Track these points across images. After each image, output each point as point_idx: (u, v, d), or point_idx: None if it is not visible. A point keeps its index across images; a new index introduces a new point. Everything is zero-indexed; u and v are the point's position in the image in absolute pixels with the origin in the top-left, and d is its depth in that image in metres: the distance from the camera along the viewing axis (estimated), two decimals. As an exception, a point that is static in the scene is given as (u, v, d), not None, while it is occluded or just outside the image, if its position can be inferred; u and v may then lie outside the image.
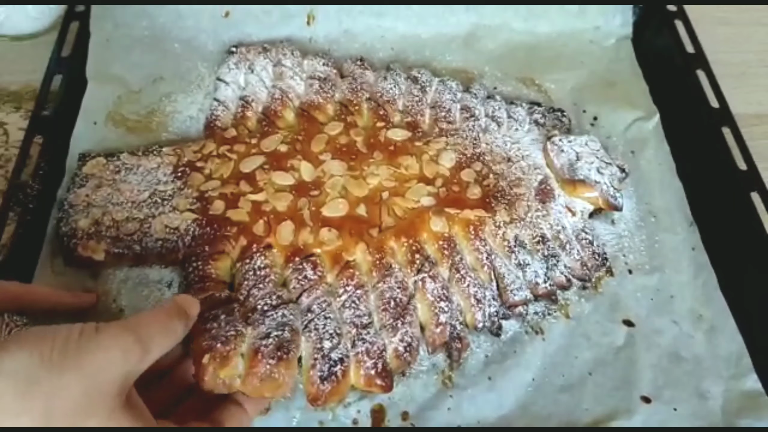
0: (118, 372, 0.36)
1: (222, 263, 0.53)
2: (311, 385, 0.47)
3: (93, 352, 0.36)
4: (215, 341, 0.46)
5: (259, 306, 0.49)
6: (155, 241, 0.54)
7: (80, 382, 0.35)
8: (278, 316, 0.49)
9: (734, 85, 0.72)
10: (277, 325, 0.48)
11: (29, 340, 0.35)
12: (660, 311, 0.58)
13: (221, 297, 0.50)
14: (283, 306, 0.50)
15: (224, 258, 0.54)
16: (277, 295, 0.50)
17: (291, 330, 0.48)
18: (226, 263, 0.54)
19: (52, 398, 0.34)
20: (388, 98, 0.66)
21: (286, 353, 0.47)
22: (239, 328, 0.47)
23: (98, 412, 0.35)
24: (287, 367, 0.46)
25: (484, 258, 0.56)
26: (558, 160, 0.62)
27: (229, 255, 0.54)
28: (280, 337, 0.47)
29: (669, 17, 0.76)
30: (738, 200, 0.61)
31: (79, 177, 0.58)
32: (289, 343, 0.47)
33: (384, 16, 0.76)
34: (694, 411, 0.52)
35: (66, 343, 0.35)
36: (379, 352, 0.49)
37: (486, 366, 0.54)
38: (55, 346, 0.35)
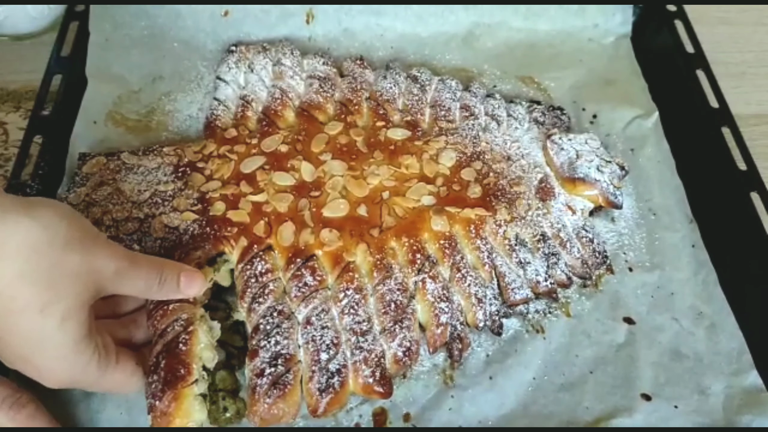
0: (106, 276, 0.42)
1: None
2: (310, 397, 0.48)
3: (95, 252, 0.42)
4: (154, 399, 0.45)
5: (261, 326, 0.50)
6: (155, 240, 0.54)
7: (82, 262, 0.40)
8: (272, 344, 0.49)
9: (734, 85, 0.72)
10: (270, 358, 0.48)
11: (66, 213, 0.41)
12: (660, 308, 0.58)
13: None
14: (282, 324, 0.50)
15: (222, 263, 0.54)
16: (278, 311, 0.50)
17: (285, 359, 0.48)
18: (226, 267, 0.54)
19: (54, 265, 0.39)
20: (388, 97, 0.66)
21: (283, 388, 0.47)
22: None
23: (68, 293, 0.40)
24: (286, 400, 0.47)
25: (485, 257, 0.56)
26: (558, 159, 0.62)
27: (227, 261, 0.54)
28: (274, 374, 0.47)
29: (669, 17, 0.76)
30: (738, 200, 0.61)
31: (79, 176, 0.58)
32: (285, 376, 0.47)
33: (383, 14, 0.76)
34: (695, 408, 0.52)
35: (84, 235, 0.42)
36: (378, 359, 0.49)
37: (487, 365, 0.54)
38: (78, 229, 0.41)
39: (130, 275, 0.43)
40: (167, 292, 0.46)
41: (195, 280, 0.48)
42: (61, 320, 0.39)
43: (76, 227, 0.41)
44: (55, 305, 0.39)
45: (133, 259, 0.44)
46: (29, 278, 0.38)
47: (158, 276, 0.45)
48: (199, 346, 0.46)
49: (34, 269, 0.38)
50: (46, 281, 0.39)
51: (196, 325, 0.47)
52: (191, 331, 0.46)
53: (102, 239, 0.43)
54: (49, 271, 0.39)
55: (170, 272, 0.46)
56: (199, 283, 0.48)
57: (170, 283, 0.46)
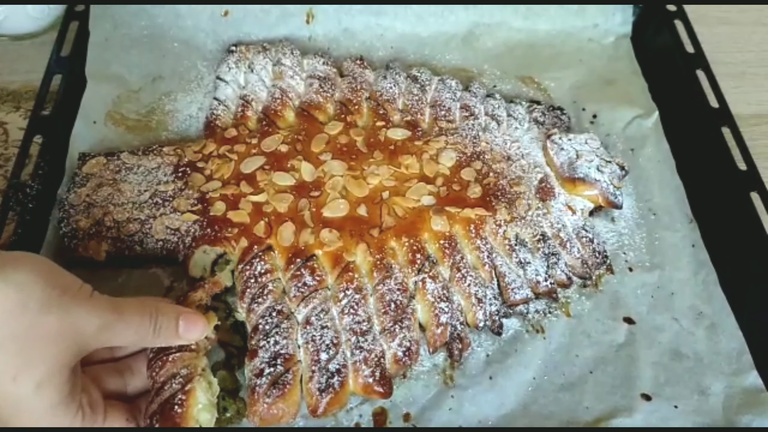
0: (88, 335, 0.39)
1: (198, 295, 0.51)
2: (310, 396, 0.48)
3: (74, 311, 0.39)
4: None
5: (260, 326, 0.50)
6: (156, 242, 0.54)
7: (59, 323, 0.38)
8: (271, 344, 0.49)
9: (734, 85, 0.72)
10: (270, 358, 0.48)
11: (42, 270, 0.39)
12: (660, 308, 0.58)
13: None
14: (281, 324, 0.50)
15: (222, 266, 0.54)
16: (277, 311, 0.50)
17: (285, 359, 0.48)
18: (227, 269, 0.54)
19: (29, 328, 0.37)
20: (388, 97, 0.66)
21: (282, 388, 0.47)
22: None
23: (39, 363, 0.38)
24: (285, 400, 0.47)
25: (485, 257, 0.56)
26: (558, 159, 0.62)
27: (228, 264, 0.54)
28: (273, 374, 0.47)
29: (669, 17, 0.76)
30: (738, 200, 0.61)
31: (79, 176, 0.58)
32: (285, 376, 0.47)
33: (383, 14, 0.76)
34: (695, 408, 0.52)
35: (63, 293, 0.39)
36: (377, 359, 0.49)
37: (487, 365, 0.54)
38: (55, 287, 0.38)
39: (117, 328, 0.41)
40: (165, 339, 0.43)
41: (196, 323, 0.44)
42: (35, 387, 0.37)
43: (53, 284, 0.38)
44: (30, 371, 0.37)
45: (121, 310, 0.41)
46: (1, 344, 0.36)
47: (152, 324, 0.42)
48: (196, 407, 0.43)
49: (7, 335, 0.36)
50: (20, 347, 0.37)
51: (195, 383, 0.44)
52: (189, 390, 0.43)
53: (84, 293, 0.40)
54: (23, 335, 0.37)
55: (166, 317, 0.43)
56: (201, 326, 0.45)
57: (167, 330, 0.43)
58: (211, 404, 0.45)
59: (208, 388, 0.45)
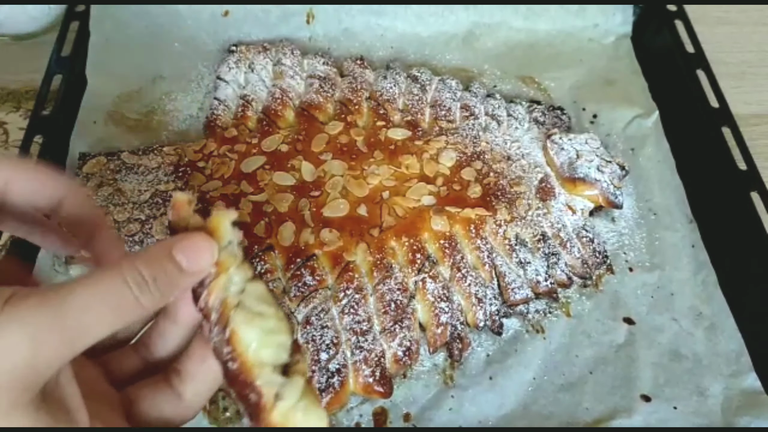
0: (19, 364, 0.26)
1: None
2: None
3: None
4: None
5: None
6: (156, 242, 0.54)
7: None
8: None
9: (734, 85, 0.72)
10: None
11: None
12: (660, 309, 0.58)
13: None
14: None
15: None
16: None
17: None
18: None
19: None
20: (388, 97, 0.66)
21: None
22: None
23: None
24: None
25: (485, 257, 0.56)
26: (558, 159, 0.62)
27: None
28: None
29: (669, 17, 0.76)
30: (738, 200, 0.61)
31: (80, 176, 0.58)
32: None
33: (383, 14, 0.76)
34: (694, 409, 0.52)
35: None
36: (378, 359, 0.50)
37: (487, 365, 0.54)
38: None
39: (76, 327, 0.28)
40: (168, 289, 0.30)
41: (197, 245, 0.31)
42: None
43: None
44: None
45: (69, 301, 0.27)
46: None
47: (131, 285, 0.29)
48: (249, 348, 0.31)
49: None
50: None
51: (232, 320, 0.31)
52: (230, 338, 0.31)
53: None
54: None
55: (153, 263, 0.29)
56: (206, 245, 0.31)
57: (164, 277, 0.29)
58: (270, 333, 0.32)
59: (252, 316, 0.31)
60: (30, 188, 0.35)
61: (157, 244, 0.31)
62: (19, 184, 0.35)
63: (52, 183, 0.35)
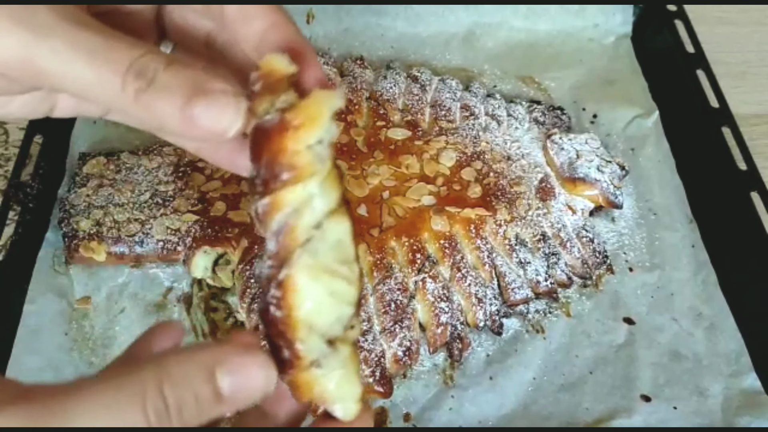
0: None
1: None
2: None
3: None
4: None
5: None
6: (156, 242, 0.54)
7: None
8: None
9: (734, 85, 0.72)
10: None
11: None
12: (660, 309, 0.58)
13: None
14: None
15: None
16: None
17: None
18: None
19: None
20: (388, 97, 0.66)
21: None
22: None
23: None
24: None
25: (485, 257, 0.56)
26: (558, 159, 0.62)
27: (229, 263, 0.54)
28: None
29: (669, 17, 0.76)
30: (738, 200, 0.61)
31: (80, 176, 0.58)
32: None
33: (383, 14, 0.76)
34: (694, 409, 0.52)
35: None
36: (378, 359, 0.49)
37: (487, 365, 0.54)
38: None
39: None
40: (190, 421, 0.23)
41: (250, 373, 0.24)
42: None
43: None
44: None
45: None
46: None
47: (156, 410, 0.22)
48: (303, 307, 0.24)
49: None
50: None
51: (295, 262, 0.24)
52: (284, 280, 0.24)
53: None
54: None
55: (188, 387, 0.23)
56: (262, 375, 0.24)
57: (192, 409, 0.23)
58: (334, 298, 0.25)
59: (321, 270, 0.24)
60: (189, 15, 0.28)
61: (200, 354, 0.23)
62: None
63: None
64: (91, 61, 0.23)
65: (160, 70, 0.23)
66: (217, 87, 0.24)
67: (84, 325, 0.53)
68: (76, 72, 0.23)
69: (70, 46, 0.23)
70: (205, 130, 0.23)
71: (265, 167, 0.23)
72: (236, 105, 0.24)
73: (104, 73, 0.23)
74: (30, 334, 0.51)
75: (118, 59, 0.23)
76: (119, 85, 0.23)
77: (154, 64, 0.23)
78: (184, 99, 0.23)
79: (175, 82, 0.23)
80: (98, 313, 0.53)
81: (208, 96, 0.23)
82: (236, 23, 0.27)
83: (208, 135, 0.24)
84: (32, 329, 0.52)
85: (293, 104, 0.24)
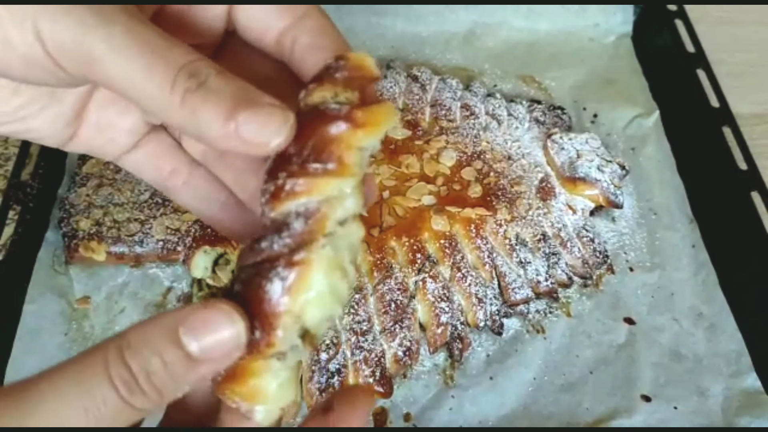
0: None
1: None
2: (310, 397, 0.48)
3: None
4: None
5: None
6: (156, 242, 0.54)
7: None
8: None
9: (734, 85, 0.71)
10: None
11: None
12: (660, 309, 0.58)
13: None
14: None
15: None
16: None
17: None
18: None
19: None
20: (388, 96, 0.66)
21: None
22: None
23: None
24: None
25: (485, 256, 0.56)
26: (558, 158, 0.62)
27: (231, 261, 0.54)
28: None
29: (669, 16, 0.76)
30: (738, 199, 0.61)
31: (79, 176, 0.58)
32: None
33: (384, 14, 0.76)
34: (695, 409, 0.52)
35: None
36: (378, 359, 0.49)
37: (487, 365, 0.54)
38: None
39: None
40: (167, 389, 0.22)
41: (214, 324, 0.22)
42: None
43: None
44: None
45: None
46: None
47: (122, 378, 0.21)
48: (302, 296, 0.23)
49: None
50: None
51: (314, 250, 0.23)
52: (299, 263, 0.23)
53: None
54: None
55: (151, 353, 0.22)
56: (226, 321, 0.23)
57: (162, 375, 0.22)
58: (334, 297, 0.24)
59: (336, 266, 0.24)
60: (260, 14, 0.28)
61: (160, 318, 0.22)
62: (248, 6, 0.27)
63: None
64: (146, 54, 0.23)
65: (212, 74, 0.23)
66: (266, 99, 0.23)
67: (84, 325, 0.53)
68: (127, 63, 0.23)
69: (128, 36, 0.23)
70: (246, 139, 0.23)
71: (312, 149, 0.23)
72: (283, 118, 0.23)
73: (156, 68, 0.23)
74: (30, 334, 0.51)
75: (173, 58, 0.23)
76: (169, 83, 0.22)
77: (207, 69, 0.23)
78: (231, 105, 0.22)
79: (226, 87, 0.23)
80: (98, 313, 0.53)
81: (255, 105, 0.23)
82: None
83: (248, 146, 0.23)
84: (32, 329, 0.52)
85: (353, 102, 0.24)
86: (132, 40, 0.23)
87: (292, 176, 0.23)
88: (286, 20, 0.27)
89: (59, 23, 0.22)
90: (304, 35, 0.27)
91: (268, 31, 0.27)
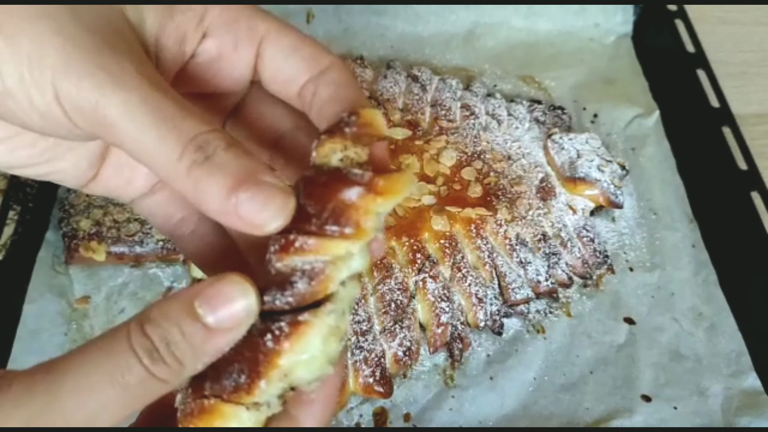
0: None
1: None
2: None
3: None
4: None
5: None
6: (156, 242, 0.54)
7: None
8: None
9: (734, 85, 0.72)
10: None
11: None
12: (661, 309, 0.58)
13: None
14: None
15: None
16: None
17: None
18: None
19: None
20: (388, 96, 0.66)
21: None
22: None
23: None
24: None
25: (485, 256, 0.56)
26: (558, 158, 0.62)
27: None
28: None
29: (669, 16, 0.76)
30: (738, 199, 0.61)
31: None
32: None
33: (383, 14, 0.76)
34: (694, 409, 0.52)
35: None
36: (378, 359, 0.49)
37: (487, 365, 0.54)
38: None
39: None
40: (187, 358, 0.23)
41: (227, 295, 0.23)
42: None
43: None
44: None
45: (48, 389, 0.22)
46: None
47: (144, 347, 0.23)
48: (296, 356, 0.24)
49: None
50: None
51: (320, 312, 0.24)
52: (296, 324, 0.23)
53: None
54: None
55: (169, 323, 0.23)
56: (239, 292, 0.24)
57: (181, 344, 0.23)
58: (327, 359, 0.24)
59: (334, 327, 0.24)
60: (287, 68, 0.28)
61: (178, 294, 0.24)
62: (275, 58, 0.28)
63: (313, 51, 0.28)
64: (159, 124, 0.23)
65: (221, 148, 0.23)
66: (268, 179, 0.23)
67: (83, 325, 0.53)
68: (139, 130, 0.23)
69: (143, 103, 0.23)
70: (243, 218, 0.23)
71: (330, 213, 0.24)
72: (283, 200, 0.23)
73: (167, 139, 0.23)
74: (29, 334, 0.51)
75: (185, 129, 0.23)
76: (178, 154, 0.23)
77: (216, 141, 0.23)
78: (233, 182, 0.23)
79: (231, 164, 0.23)
80: (98, 313, 0.53)
81: (257, 185, 0.23)
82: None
83: (246, 225, 0.23)
84: (32, 329, 0.52)
85: (362, 161, 0.25)
86: (146, 108, 0.23)
87: (305, 234, 0.24)
88: (311, 72, 0.27)
89: (77, 86, 0.23)
90: (325, 87, 0.27)
91: (291, 84, 0.28)
